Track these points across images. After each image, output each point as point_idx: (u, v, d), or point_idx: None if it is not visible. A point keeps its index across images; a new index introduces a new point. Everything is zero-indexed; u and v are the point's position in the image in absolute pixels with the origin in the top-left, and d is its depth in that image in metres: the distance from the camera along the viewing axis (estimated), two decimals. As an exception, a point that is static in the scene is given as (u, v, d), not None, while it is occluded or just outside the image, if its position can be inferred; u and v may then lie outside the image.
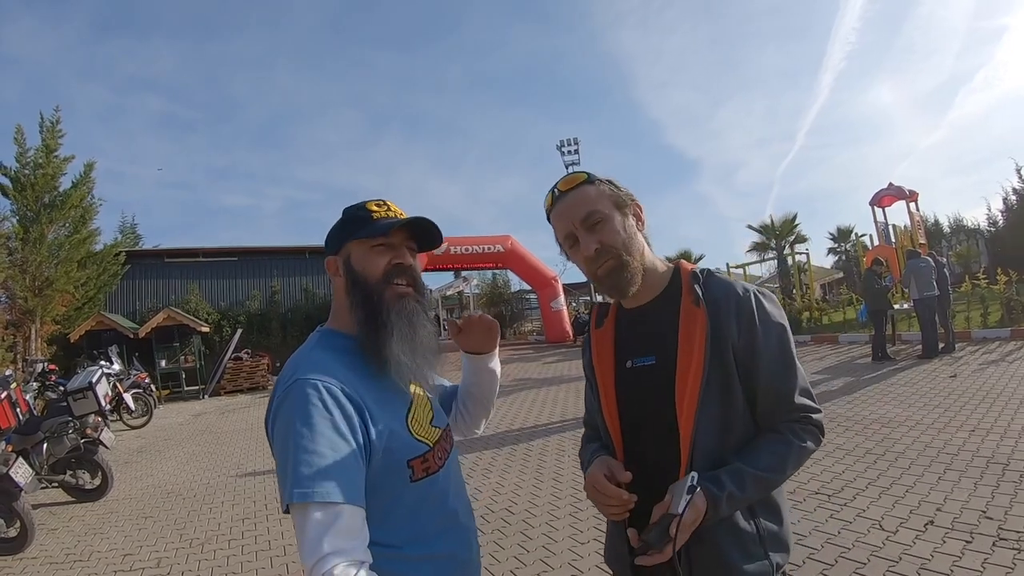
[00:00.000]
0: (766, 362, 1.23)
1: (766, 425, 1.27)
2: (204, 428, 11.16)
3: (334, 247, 1.28)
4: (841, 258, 34.07)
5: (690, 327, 1.24)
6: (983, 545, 3.20)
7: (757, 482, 1.17)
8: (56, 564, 4.60)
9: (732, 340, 1.22)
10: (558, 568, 3.60)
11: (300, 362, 1.16)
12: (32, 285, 15.06)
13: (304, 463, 1.00)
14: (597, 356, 1.40)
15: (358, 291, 1.22)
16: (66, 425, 5.93)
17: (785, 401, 1.25)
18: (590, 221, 1.27)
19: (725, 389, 1.22)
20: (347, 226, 1.26)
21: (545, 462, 6.00)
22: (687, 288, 1.29)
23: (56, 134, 15.84)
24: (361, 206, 1.27)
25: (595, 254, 1.26)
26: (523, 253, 21.45)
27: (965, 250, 26.34)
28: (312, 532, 0.96)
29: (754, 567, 1.19)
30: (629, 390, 1.33)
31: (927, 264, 10.03)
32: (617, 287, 1.29)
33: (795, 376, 1.26)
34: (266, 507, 5.55)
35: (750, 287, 1.29)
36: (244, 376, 17.62)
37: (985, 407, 6.06)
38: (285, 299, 22.02)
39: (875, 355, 10.15)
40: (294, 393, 1.08)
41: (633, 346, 1.35)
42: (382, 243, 1.23)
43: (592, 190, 1.30)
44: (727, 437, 1.23)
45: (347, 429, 1.06)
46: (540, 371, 13.73)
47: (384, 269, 1.22)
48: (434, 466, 1.21)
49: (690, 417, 1.20)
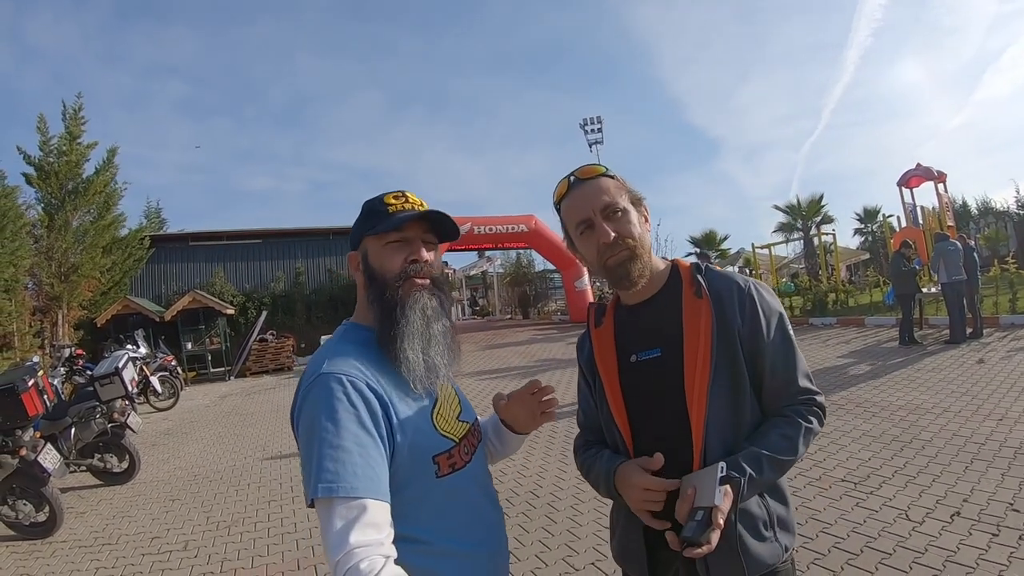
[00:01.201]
0: (771, 349, 1.28)
1: (772, 409, 1.30)
2: (230, 410, 11.34)
3: (353, 242, 1.28)
4: (868, 239, 33.53)
5: (695, 317, 1.28)
6: (1010, 539, 3.14)
7: (773, 464, 1.20)
8: (85, 547, 4.70)
9: (737, 327, 1.27)
10: (583, 552, 3.61)
11: (326, 355, 1.15)
12: (58, 271, 15.31)
13: (329, 457, 1.00)
14: (599, 353, 1.41)
15: (374, 288, 1.22)
16: (93, 410, 6.04)
17: (790, 385, 1.29)
18: (609, 211, 1.30)
19: (733, 375, 1.25)
20: (364, 221, 1.25)
21: (570, 444, 5.98)
22: (688, 281, 1.33)
23: (78, 121, 15.98)
24: (379, 199, 1.26)
25: (612, 241, 1.29)
26: (547, 233, 21.26)
27: (993, 233, 25.83)
28: (337, 526, 0.96)
29: (766, 549, 1.23)
30: (635, 384, 1.35)
31: (956, 247, 9.82)
32: (628, 277, 1.31)
33: (797, 361, 1.31)
34: (292, 489, 5.62)
35: (748, 279, 1.34)
36: (269, 357, 17.89)
37: (1014, 395, 5.93)
38: (310, 280, 22.15)
39: (902, 339, 9.98)
40: (319, 387, 1.08)
41: (636, 340, 1.37)
42: (396, 239, 1.22)
43: (611, 183, 1.33)
44: (737, 423, 1.26)
45: (372, 424, 1.06)
46: (564, 351, 13.69)
47: (400, 266, 1.21)
48: (460, 462, 1.20)
49: (702, 405, 1.22)
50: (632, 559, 1.35)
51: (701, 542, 1.08)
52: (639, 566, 1.32)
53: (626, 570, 1.41)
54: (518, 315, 30.14)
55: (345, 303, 21.38)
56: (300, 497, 5.33)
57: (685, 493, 1.15)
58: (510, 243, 22.60)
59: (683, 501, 1.15)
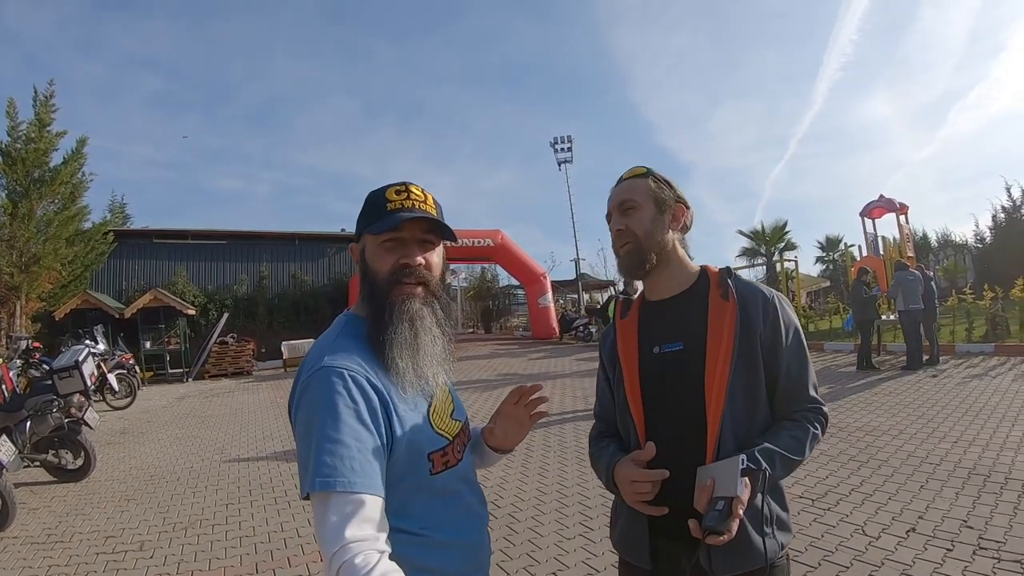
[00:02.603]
0: (787, 355, 1.36)
1: (782, 413, 1.38)
2: (188, 412, 11.10)
3: (356, 234, 1.27)
4: (829, 267, 34.34)
5: (719, 316, 1.35)
6: (963, 553, 3.25)
7: (784, 463, 1.28)
8: (38, 544, 4.56)
9: (759, 331, 1.33)
10: (544, 563, 3.62)
11: (326, 348, 1.14)
12: (19, 261, 14.85)
13: (327, 451, 1.00)
14: (622, 343, 1.48)
15: (366, 286, 1.22)
16: (50, 404, 5.86)
17: (802, 393, 1.37)
18: (624, 207, 1.44)
19: (751, 376, 1.32)
20: (364, 215, 1.23)
21: (531, 456, 6.01)
22: (716, 283, 1.41)
23: (49, 108, 15.54)
24: (381, 193, 1.23)
25: (618, 235, 1.44)
26: (513, 248, 21.38)
27: (952, 265, 26.62)
28: (333, 520, 0.96)
29: (766, 545, 1.28)
30: (654, 375, 1.40)
31: (915, 277, 10.12)
32: (627, 267, 1.45)
33: (809, 371, 1.39)
34: (250, 493, 5.53)
35: (773, 290, 1.42)
36: (229, 360, 17.59)
37: (968, 420, 6.13)
38: (273, 285, 21.86)
39: (860, 364, 10.26)
40: (319, 380, 1.07)
41: (659, 333, 1.43)
42: (391, 238, 1.19)
43: (641, 184, 1.44)
44: (751, 421, 1.32)
45: (371, 420, 1.06)
46: (526, 367, 13.75)
47: (391, 268, 1.19)
48: (453, 459, 1.21)
49: (720, 400, 1.29)
50: (634, 548, 1.41)
51: (723, 531, 1.12)
52: (641, 554, 1.38)
53: (627, 558, 1.46)
54: (480, 329, 30.15)
55: (308, 309, 21.20)
56: (258, 501, 5.26)
57: (704, 483, 1.20)
58: (476, 257, 22.62)
59: (702, 491, 1.19)
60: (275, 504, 5.14)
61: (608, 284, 28.95)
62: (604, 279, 29.76)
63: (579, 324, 20.64)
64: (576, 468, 5.45)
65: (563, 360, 14.73)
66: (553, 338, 21.20)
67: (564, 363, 14.08)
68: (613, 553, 3.61)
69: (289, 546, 4.19)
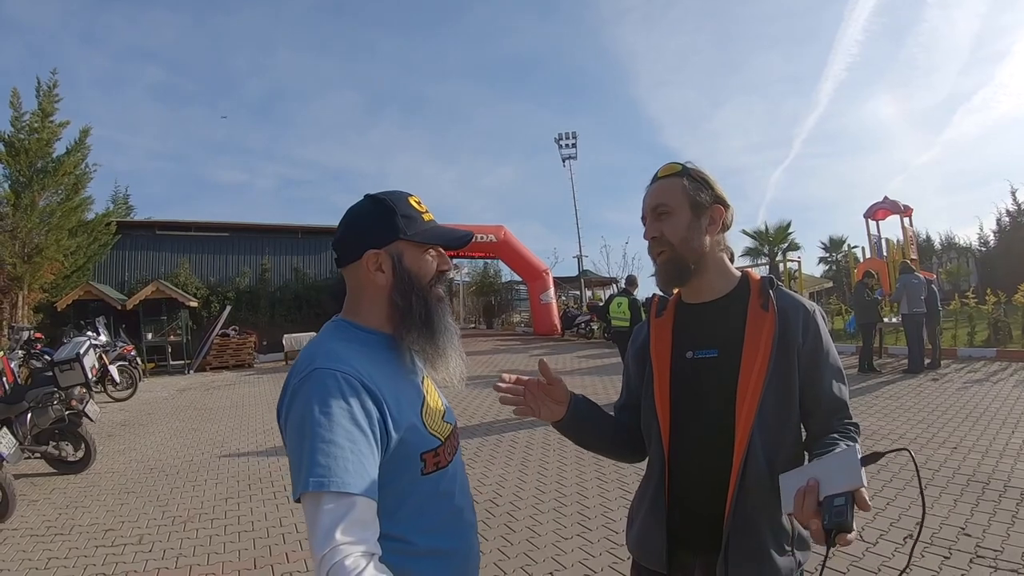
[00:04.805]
0: (827, 374, 1.33)
1: (820, 429, 1.34)
2: (188, 404, 11.12)
3: (378, 241, 1.22)
4: (832, 268, 34.30)
5: (758, 326, 1.32)
6: (960, 561, 3.24)
7: None
8: (37, 536, 4.58)
9: (798, 345, 1.30)
10: (542, 562, 3.62)
11: (318, 352, 1.14)
12: (21, 251, 14.88)
13: (321, 452, 0.99)
14: (655, 344, 1.45)
15: (409, 292, 1.21)
16: (51, 396, 5.88)
17: (842, 409, 1.34)
18: (658, 211, 1.38)
19: (786, 387, 1.29)
20: (396, 221, 1.21)
21: (531, 454, 6.02)
22: (756, 292, 1.37)
23: (52, 98, 15.57)
24: (403, 200, 1.24)
25: (652, 242, 1.39)
26: (515, 244, 21.37)
27: (955, 268, 26.58)
28: (325, 521, 0.95)
29: (783, 561, 1.28)
30: (686, 379, 1.38)
31: (920, 281, 10.10)
32: (663, 277, 1.40)
33: (846, 389, 1.37)
34: (249, 487, 5.54)
35: (815, 304, 1.38)
36: (230, 353, 17.63)
37: (968, 425, 6.12)
38: (275, 278, 21.91)
39: (861, 366, 10.24)
40: (313, 382, 1.07)
41: (695, 338, 1.40)
42: (437, 248, 1.28)
43: (676, 183, 1.38)
44: (781, 433, 1.29)
45: (365, 421, 1.06)
46: (527, 363, 13.75)
47: (434, 274, 1.26)
48: (444, 461, 1.22)
49: (752, 409, 1.26)
50: (650, 550, 1.39)
51: (851, 527, 1.03)
52: (657, 558, 1.37)
53: (642, 561, 1.45)
54: (482, 325, 30.16)
55: (310, 303, 21.22)
56: (258, 495, 5.27)
57: (801, 486, 1.10)
58: (478, 252, 22.62)
59: (807, 494, 1.08)
60: (274, 499, 5.15)
61: (610, 281, 28.93)
62: (607, 276, 29.72)
63: (581, 321, 20.69)
64: (575, 468, 5.46)
65: (565, 357, 14.74)
66: (555, 334, 21.23)
67: (566, 360, 14.09)
68: (610, 554, 3.66)
69: (288, 541, 4.20)
